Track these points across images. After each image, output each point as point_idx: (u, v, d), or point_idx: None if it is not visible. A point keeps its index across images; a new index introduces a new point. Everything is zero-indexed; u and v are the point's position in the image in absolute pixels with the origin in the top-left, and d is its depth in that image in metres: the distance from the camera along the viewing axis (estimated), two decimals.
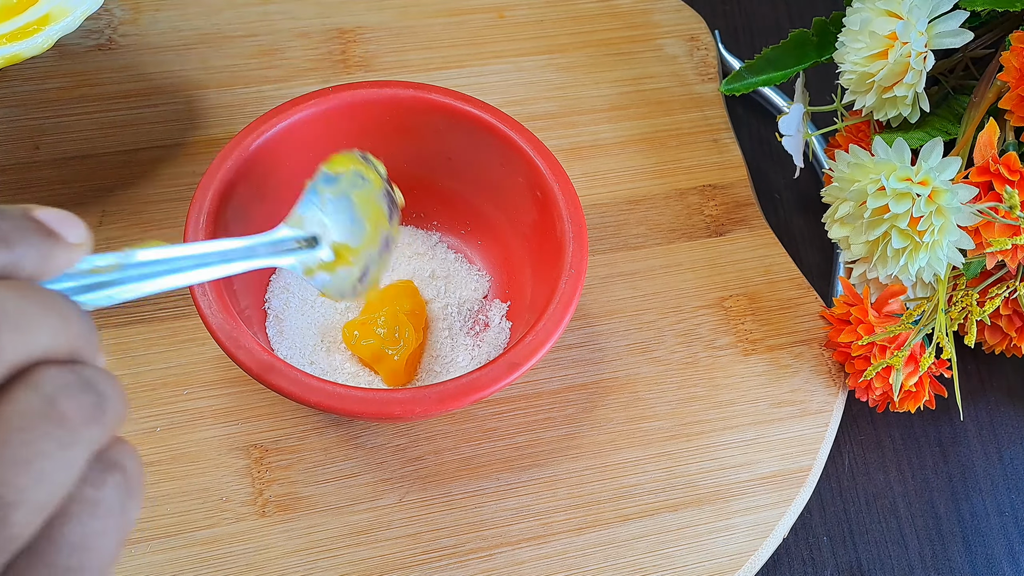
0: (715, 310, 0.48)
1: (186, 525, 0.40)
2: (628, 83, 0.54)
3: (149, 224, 0.47)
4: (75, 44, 0.51)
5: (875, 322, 0.43)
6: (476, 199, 0.45)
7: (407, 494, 0.42)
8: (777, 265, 0.49)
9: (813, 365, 0.47)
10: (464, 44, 0.54)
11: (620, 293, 0.48)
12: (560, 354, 0.46)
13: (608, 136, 0.52)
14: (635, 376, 0.45)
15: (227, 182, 0.40)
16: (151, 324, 0.44)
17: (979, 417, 0.48)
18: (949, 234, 0.40)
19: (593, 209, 0.50)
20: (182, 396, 0.43)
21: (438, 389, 0.36)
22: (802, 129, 0.48)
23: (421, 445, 0.43)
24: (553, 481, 0.43)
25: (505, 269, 0.45)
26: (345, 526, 0.41)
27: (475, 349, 0.43)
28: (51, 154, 0.48)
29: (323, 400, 0.36)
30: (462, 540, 0.41)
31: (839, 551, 0.44)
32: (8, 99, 0.50)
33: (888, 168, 0.40)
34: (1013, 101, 0.40)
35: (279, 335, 0.42)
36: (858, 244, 0.43)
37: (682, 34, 0.56)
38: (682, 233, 0.50)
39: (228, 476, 0.42)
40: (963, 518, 0.45)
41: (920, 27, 0.41)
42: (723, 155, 0.52)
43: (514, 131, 0.42)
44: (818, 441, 0.45)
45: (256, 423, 0.43)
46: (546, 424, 0.44)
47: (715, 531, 0.42)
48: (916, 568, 0.44)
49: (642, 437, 0.44)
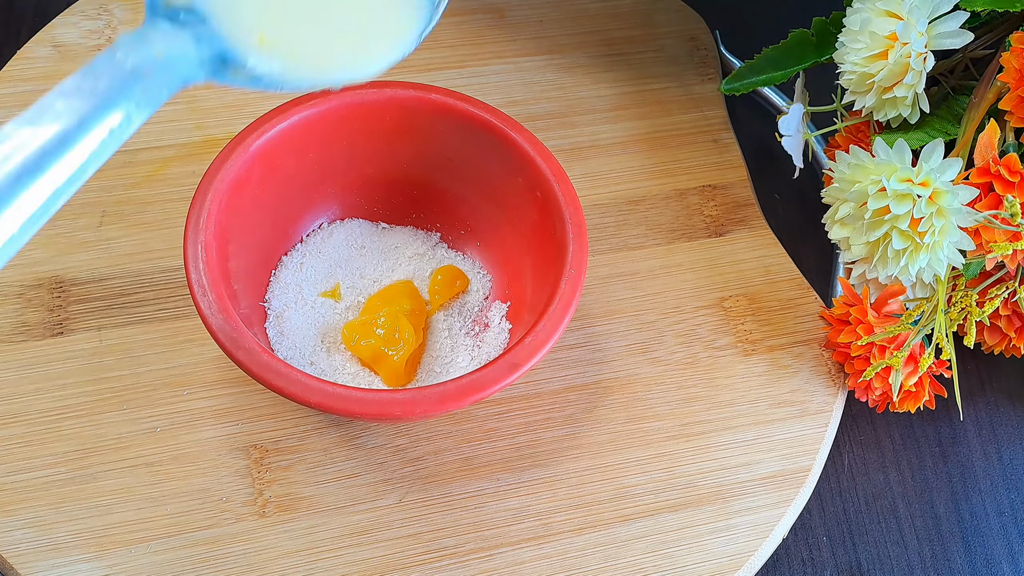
0: (715, 310, 0.48)
1: (186, 525, 0.40)
2: (628, 83, 0.54)
3: (149, 224, 0.47)
4: (75, 44, 0.51)
5: (875, 322, 0.43)
6: (476, 199, 0.45)
7: (407, 494, 0.42)
8: (777, 265, 0.49)
9: (813, 365, 0.47)
10: (464, 44, 0.54)
11: (620, 293, 0.48)
12: (560, 354, 0.46)
13: (608, 136, 0.52)
14: (635, 376, 0.46)
15: (228, 182, 0.40)
16: (151, 324, 0.44)
17: (979, 417, 0.48)
18: (949, 235, 0.40)
19: (593, 209, 0.50)
20: (182, 396, 0.43)
21: (438, 389, 0.36)
22: (802, 129, 0.48)
23: (421, 445, 0.43)
24: (553, 481, 0.43)
25: (505, 269, 0.45)
26: (345, 526, 0.41)
27: (475, 350, 0.43)
28: None
29: (323, 400, 0.36)
30: (462, 540, 0.41)
31: (839, 551, 0.44)
32: (8, 99, 0.50)
33: (889, 169, 0.40)
34: (1013, 102, 0.40)
35: (279, 335, 0.42)
36: (858, 245, 0.43)
37: (682, 34, 0.56)
38: (682, 233, 0.50)
39: (228, 476, 0.42)
40: (963, 518, 0.46)
41: (920, 27, 0.41)
42: (723, 155, 0.52)
43: (514, 131, 0.42)
44: (818, 441, 0.45)
45: (256, 423, 0.43)
46: (546, 424, 0.44)
47: (715, 531, 0.42)
48: (916, 568, 0.44)
49: (642, 437, 0.44)
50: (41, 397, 0.42)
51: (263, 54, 0.28)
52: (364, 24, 0.31)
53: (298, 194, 0.44)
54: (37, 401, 0.42)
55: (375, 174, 0.45)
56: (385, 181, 0.45)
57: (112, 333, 0.44)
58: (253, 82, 0.28)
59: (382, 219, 0.47)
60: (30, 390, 0.42)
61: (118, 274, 0.46)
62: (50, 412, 0.42)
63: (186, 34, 0.27)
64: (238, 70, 0.28)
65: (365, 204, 0.46)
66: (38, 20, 0.53)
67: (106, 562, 0.39)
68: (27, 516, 0.40)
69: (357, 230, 0.46)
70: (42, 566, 0.39)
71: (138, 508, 0.40)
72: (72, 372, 0.43)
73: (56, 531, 0.40)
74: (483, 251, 0.46)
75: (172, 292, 0.45)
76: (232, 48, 0.27)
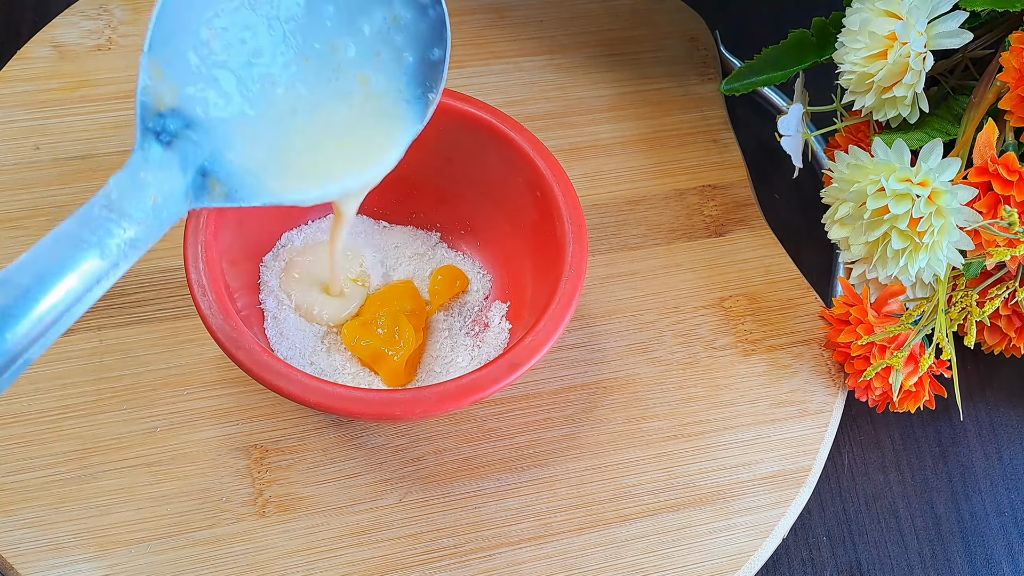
0: (715, 310, 0.48)
1: (186, 525, 0.40)
2: (628, 83, 0.54)
3: None
4: (75, 44, 0.51)
5: (875, 322, 0.43)
6: (476, 199, 0.45)
7: (407, 494, 0.42)
8: (777, 265, 0.49)
9: (813, 365, 0.47)
10: (464, 44, 0.54)
11: (620, 293, 0.48)
12: (560, 354, 0.46)
13: (608, 136, 0.52)
14: (635, 376, 0.46)
15: None
16: (151, 324, 0.44)
17: (979, 417, 0.48)
18: (949, 235, 0.40)
19: (593, 209, 0.50)
20: (182, 396, 0.43)
21: (438, 389, 0.36)
22: (801, 129, 0.48)
23: (421, 445, 0.43)
24: (553, 481, 0.43)
25: (505, 269, 0.45)
26: (345, 526, 0.41)
27: (475, 350, 0.43)
28: (51, 154, 0.48)
29: (323, 400, 0.36)
30: (462, 540, 0.41)
31: (839, 551, 0.44)
32: (8, 99, 0.50)
33: (888, 169, 0.40)
34: (1013, 101, 0.40)
35: (279, 336, 0.42)
36: (858, 245, 0.43)
37: (682, 34, 0.56)
38: (682, 233, 0.50)
39: (228, 476, 0.42)
40: (963, 518, 0.46)
41: (919, 27, 0.41)
42: (723, 155, 0.52)
43: (514, 131, 0.42)
44: (818, 441, 0.45)
45: (256, 423, 0.43)
46: (546, 424, 0.44)
47: (715, 531, 0.42)
48: (916, 568, 0.44)
49: (642, 437, 0.44)
50: (41, 397, 0.42)
51: (247, 150, 0.29)
52: (344, 145, 0.32)
53: None
54: (37, 401, 0.42)
55: None
56: (385, 181, 0.45)
57: (112, 333, 0.44)
58: (230, 196, 0.29)
59: (382, 218, 0.47)
60: (30, 390, 0.42)
61: None
62: (50, 412, 0.42)
63: (175, 161, 0.28)
64: (216, 185, 0.29)
65: (365, 203, 0.46)
66: (38, 20, 0.53)
67: (106, 562, 0.39)
68: (27, 516, 0.40)
69: (357, 229, 0.46)
70: (42, 566, 0.39)
71: (138, 508, 0.40)
72: (72, 372, 0.43)
73: (56, 531, 0.40)
74: (483, 251, 0.46)
75: (172, 292, 0.45)
76: (213, 152, 0.28)
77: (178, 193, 0.28)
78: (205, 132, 0.28)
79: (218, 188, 0.29)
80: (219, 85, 0.29)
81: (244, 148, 0.29)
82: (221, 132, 0.29)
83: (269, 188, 0.30)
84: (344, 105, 0.32)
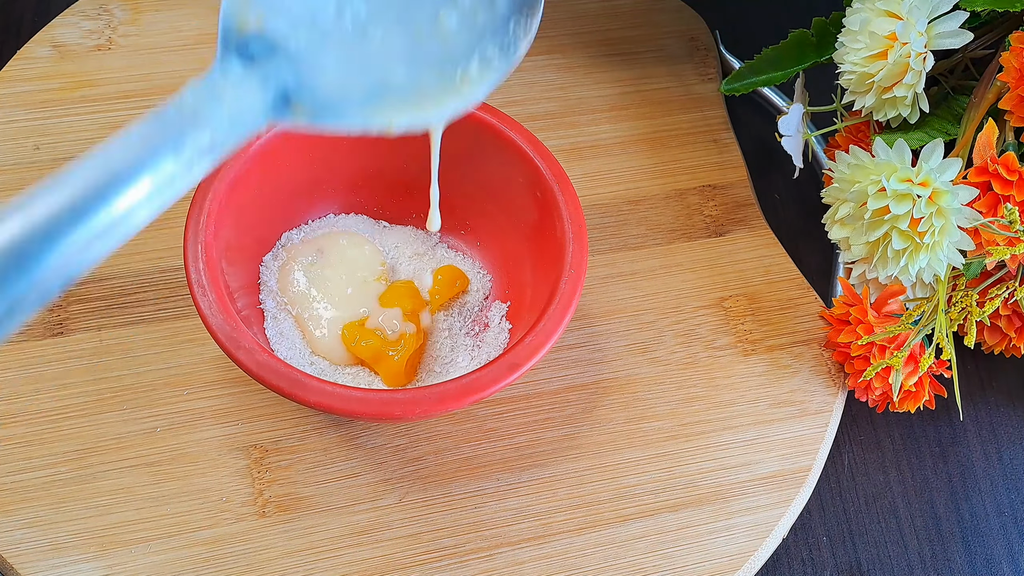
0: (715, 310, 0.48)
1: (186, 525, 0.40)
2: (628, 83, 0.54)
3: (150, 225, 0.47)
4: (75, 44, 0.51)
5: (875, 322, 0.43)
6: (476, 199, 0.45)
7: (407, 494, 0.42)
8: (777, 265, 0.49)
9: (813, 365, 0.47)
10: None
11: (620, 293, 0.48)
12: (560, 354, 0.46)
13: (608, 136, 0.52)
14: (635, 376, 0.46)
15: (228, 182, 0.40)
16: (151, 324, 0.44)
17: (979, 417, 0.48)
18: (949, 235, 0.40)
19: (593, 209, 0.50)
20: (182, 396, 0.43)
21: (438, 389, 0.36)
22: (802, 129, 0.48)
23: (421, 445, 0.43)
24: (553, 481, 0.43)
25: (505, 269, 0.45)
26: (345, 526, 0.41)
27: (475, 350, 0.43)
28: (51, 154, 0.48)
29: (323, 400, 0.36)
30: (462, 540, 0.41)
31: (839, 551, 0.44)
32: (8, 99, 0.50)
33: (888, 169, 0.40)
34: (1013, 101, 0.40)
35: (279, 335, 0.42)
36: (858, 245, 0.43)
37: (682, 34, 0.56)
38: (682, 233, 0.50)
39: (228, 476, 0.42)
40: (963, 518, 0.46)
41: (920, 27, 0.41)
42: (723, 155, 0.52)
43: (514, 131, 0.42)
44: (818, 441, 0.45)
45: (256, 423, 0.43)
46: (546, 424, 0.44)
47: (715, 531, 0.42)
48: (916, 568, 0.44)
49: (642, 437, 0.44)
50: (41, 397, 0.42)
51: (329, 83, 0.28)
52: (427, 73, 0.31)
53: (298, 194, 0.44)
54: (37, 401, 0.42)
55: (375, 174, 0.45)
56: (385, 181, 0.45)
57: (112, 333, 0.44)
58: (314, 116, 0.28)
59: (382, 218, 0.47)
60: (30, 390, 0.42)
61: (118, 274, 0.46)
62: (50, 412, 0.42)
63: (255, 78, 0.27)
64: (299, 107, 0.28)
65: (365, 204, 0.46)
66: (38, 20, 0.53)
67: (106, 562, 0.39)
68: (27, 516, 0.40)
69: (357, 229, 0.46)
70: (42, 566, 0.39)
71: (138, 508, 0.40)
72: (72, 372, 0.43)
73: (56, 531, 0.40)
74: (483, 251, 0.46)
75: (172, 292, 0.45)
76: (299, 80, 0.28)
77: (257, 108, 0.27)
78: (290, 58, 0.27)
79: (301, 108, 0.28)
80: (308, 14, 0.28)
81: (332, 75, 0.28)
82: (308, 58, 0.28)
83: (354, 114, 0.29)
84: (436, 39, 0.31)
